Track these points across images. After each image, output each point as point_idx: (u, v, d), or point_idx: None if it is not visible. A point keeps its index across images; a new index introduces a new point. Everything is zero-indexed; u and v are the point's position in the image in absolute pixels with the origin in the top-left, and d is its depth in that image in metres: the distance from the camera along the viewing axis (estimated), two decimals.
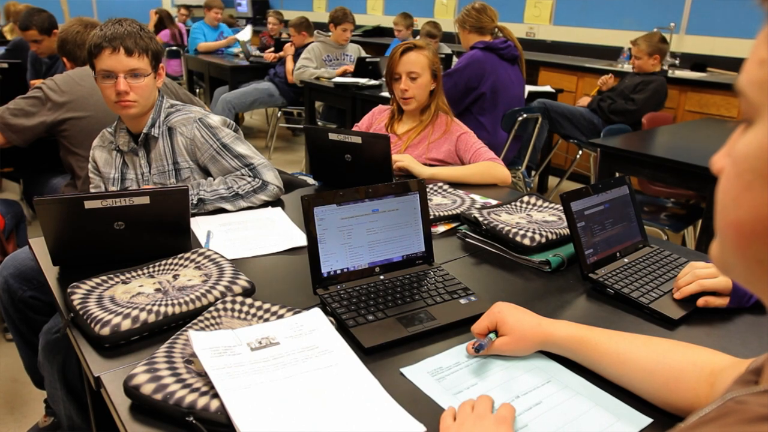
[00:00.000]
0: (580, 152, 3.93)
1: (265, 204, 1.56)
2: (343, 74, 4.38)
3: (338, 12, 4.49)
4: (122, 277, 1.06)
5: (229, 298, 0.98)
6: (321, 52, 4.52)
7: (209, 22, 5.89)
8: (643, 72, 3.66)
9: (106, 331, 0.88)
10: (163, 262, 1.13)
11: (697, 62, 4.34)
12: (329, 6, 7.67)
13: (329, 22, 4.53)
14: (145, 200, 1.12)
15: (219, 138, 1.57)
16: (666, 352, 0.78)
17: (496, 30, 3.03)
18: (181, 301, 0.96)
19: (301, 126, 5.46)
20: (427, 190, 1.63)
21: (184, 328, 0.90)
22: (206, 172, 1.61)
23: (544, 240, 1.24)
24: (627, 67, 4.43)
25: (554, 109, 3.77)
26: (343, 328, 0.94)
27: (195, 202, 1.47)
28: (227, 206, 1.50)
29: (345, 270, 1.07)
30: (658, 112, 3.49)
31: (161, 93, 1.61)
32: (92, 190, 1.69)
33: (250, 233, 1.38)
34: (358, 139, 1.61)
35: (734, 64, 4.18)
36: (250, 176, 1.55)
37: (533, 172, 3.94)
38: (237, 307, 0.96)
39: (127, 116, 1.55)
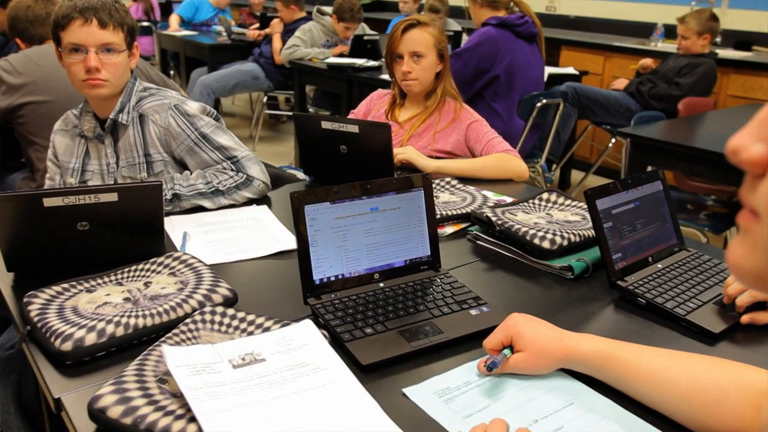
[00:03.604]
0: (613, 140, 3.92)
1: (250, 202, 1.56)
2: (340, 55, 4.37)
3: (345, 6, 4.33)
4: (86, 285, 1.06)
5: (208, 309, 0.98)
6: (320, 36, 4.49)
7: None
8: (690, 53, 3.65)
9: (67, 346, 0.88)
10: (133, 268, 1.13)
11: (741, 40, 4.34)
12: None
13: (333, 12, 4.45)
14: (113, 197, 1.12)
15: (197, 127, 1.57)
16: (705, 370, 0.78)
17: (512, 4, 3.03)
18: (154, 311, 0.96)
19: (290, 113, 5.46)
20: (433, 185, 1.63)
21: (156, 343, 0.90)
22: (182, 166, 1.61)
23: (566, 243, 1.24)
24: (661, 46, 4.43)
25: (585, 94, 3.77)
26: (337, 343, 0.94)
27: (169, 197, 1.47)
28: (206, 203, 1.51)
29: (340, 277, 1.07)
30: (696, 98, 3.49)
31: (134, 75, 1.62)
32: (46, 182, 1.69)
33: (232, 235, 1.38)
34: (354, 128, 1.61)
35: None
36: (232, 170, 1.55)
37: (554, 166, 3.94)
38: (217, 318, 0.96)
39: (96, 97, 1.55)
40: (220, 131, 1.60)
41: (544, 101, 3.06)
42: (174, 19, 5.78)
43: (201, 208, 1.51)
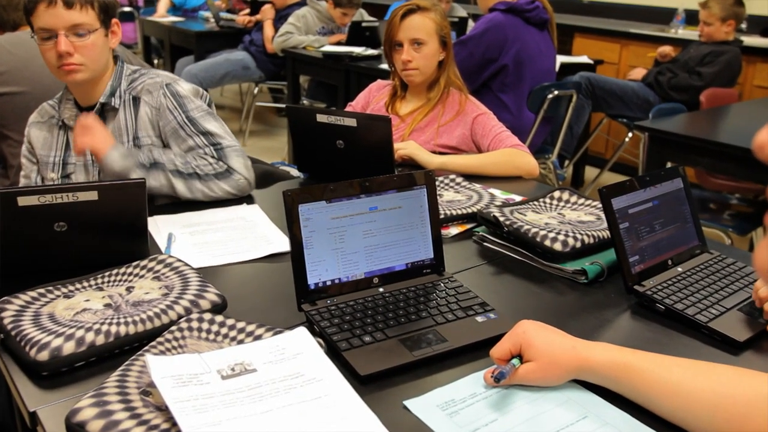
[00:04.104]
0: (630, 135, 3.93)
1: (239, 201, 1.56)
2: (336, 43, 4.37)
3: None
4: (64, 290, 1.06)
5: (195, 316, 0.98)
6: (315, 22, 4.49)
7: None
8: (713, 41, 3.65)
9: (44, 355, 0.88)
10: (115, 272, 1.13)
11: None
12: None
13: None
14: (93, 196, 1.12)
15: (186, 109, 1.58)
16: (730, 381, 0.78)
17: None
18: (137, 318, 0.96)
19: (283, 106, 5.46)
20: (437, 183, 1.63)
21: (140, 352, 0.90)
22: None
23: (579, 244, 1.24)
24: (681, 33, 4.43)
25: (600, 85, 3.77)
26: (333, 352, 0.94)
27: (147, 165, 1.47)
28: (180, 187, 1.49)
29: (336, 281, 1.07)
30: (719, 89, 3.49)
31: (120, 58, 1.62)
32: (21, 180, 1.69)
33: (220, 236, 1.38)
34: (352, 122, 1.61)
35: None
36: (213, 158, 1.54)
37: (566, 162, 3.95)
38: (205, 326, 0.96)
39: (74, 83, 1.55)
40: (210, 117, 1.60)
41: (556, 93, 3.06)
42: (163, 4, 5.77)
43: (186, 209, 1.51)
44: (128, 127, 1.58)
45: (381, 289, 1.09)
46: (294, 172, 1.96)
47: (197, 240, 1.36)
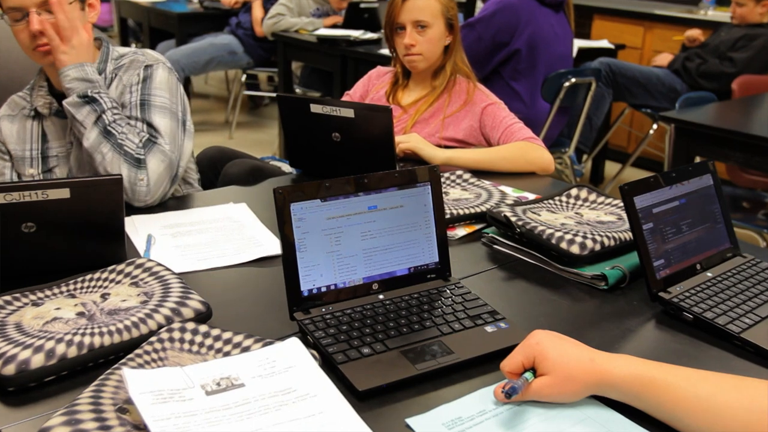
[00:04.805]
0: (654, 126, 3.93)
1: (226, 199, 1.56)
2: (332, 26, 4.37)
3: None
4: (33, 297, 1.06)
5: (176, 326, 0.98)
6: (308, 3, 4.49)
7: None
8: (746, 23, 3.65)
9: (10, 369, 0.88)
10: (88, 277, 1.13)
11: None
12: None
13: None
14: (64, 193, 1.12)
15: (147, 92, 1.58)
16: (764, 397, 0.78)
17: None
18: (113, 328, 0.96)
19: (274, 95, 5.46)
20: (442, 180, 1.63)
21: (116, 366, 0.90)
22: None
23: (598, 247, 1.24)
24: (712, 15, 4.44)
25: (622, 72, 3.77)
26: (329, 365, 0.94)
27: (88, 99, 1.48)
28: (92, 134, 1.48)
29: (332, 287, 1.07)
30: (753, 76, 3.49)
31: (106, 39, 1.62)
32: None
33: (205, 238, 1.38)
34: (349, 112, 1.62)
35: None
36: (140, 144, 1.51)
37: (585, 156, 3.95)
38: (188, 336, 0.97)
39: (52, 66, 1.55)
40: (168, 113, 1.58)
41: (573, 80, 3.06)
42: None
43: (167, 209, 1.51)
44: None
45: (381, 296, 1.09)
46: (285, 167, 1.96)
47: (179, 242, 1.36)
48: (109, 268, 1.14)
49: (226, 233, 1.41)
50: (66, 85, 1.49)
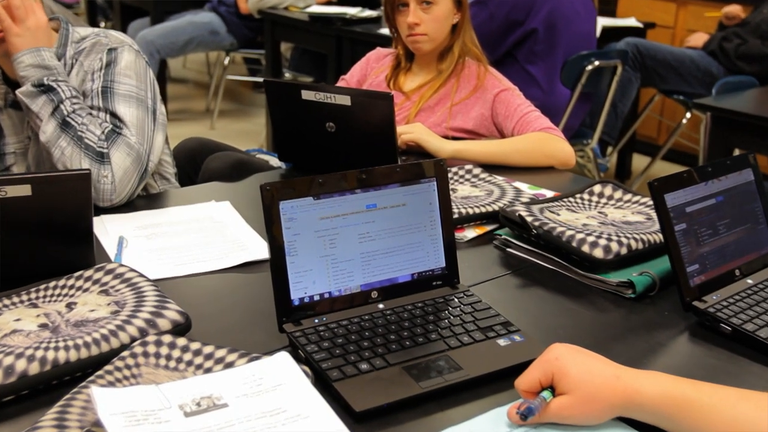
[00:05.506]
0: (688, 115, 3.93)
1: (208, 197, 1.56)
2: (326, 3, 4.37)
3: None
4: None
5: (151, 339, 0.98)
6: None
7: None
8: None
9: None
10: (52, 285, 1.13)
11: None
12: None
13: None
14: (25, 190, 1.12)
15: (110, 78, 1.58)
16: None
17: None
18: (79, 342, 0.96)
19: (261, 79, 5.46)
20: (450, 175, 1.63)
21: (83, 384, 0.90)
22: None
23: (625, 250, 1.24)
24: None
25: (651, 54, 3.77)
26: (323, 383, 0.94)
27: (45, 88, 1.48)
28: (50, 126, 1.48)
29: (326, 296, 1.07)
30: None
31: (64, 19, 1.62)
32: None
33: (183, 240, 1.38)
34: (345, 100, 1.62)
35: None
36: (101, 136, 1.51)
37: (609, 149, 3.95)
38: (164, 351, 0.97)
39: (2, 53, 1.55)
40: (133, 102, 1.58)
41: (597, 63, 3.06)
42: None
43: (139, 208, 1.52)
44: None
45: (381, 306, 1.09)
46: (274, 161, 1.96)
47: (155, 245, 1.36)
48: (76, 274, 1.14)
49: (207, 235, 1.41)
50: (20, 73, 1.49)
